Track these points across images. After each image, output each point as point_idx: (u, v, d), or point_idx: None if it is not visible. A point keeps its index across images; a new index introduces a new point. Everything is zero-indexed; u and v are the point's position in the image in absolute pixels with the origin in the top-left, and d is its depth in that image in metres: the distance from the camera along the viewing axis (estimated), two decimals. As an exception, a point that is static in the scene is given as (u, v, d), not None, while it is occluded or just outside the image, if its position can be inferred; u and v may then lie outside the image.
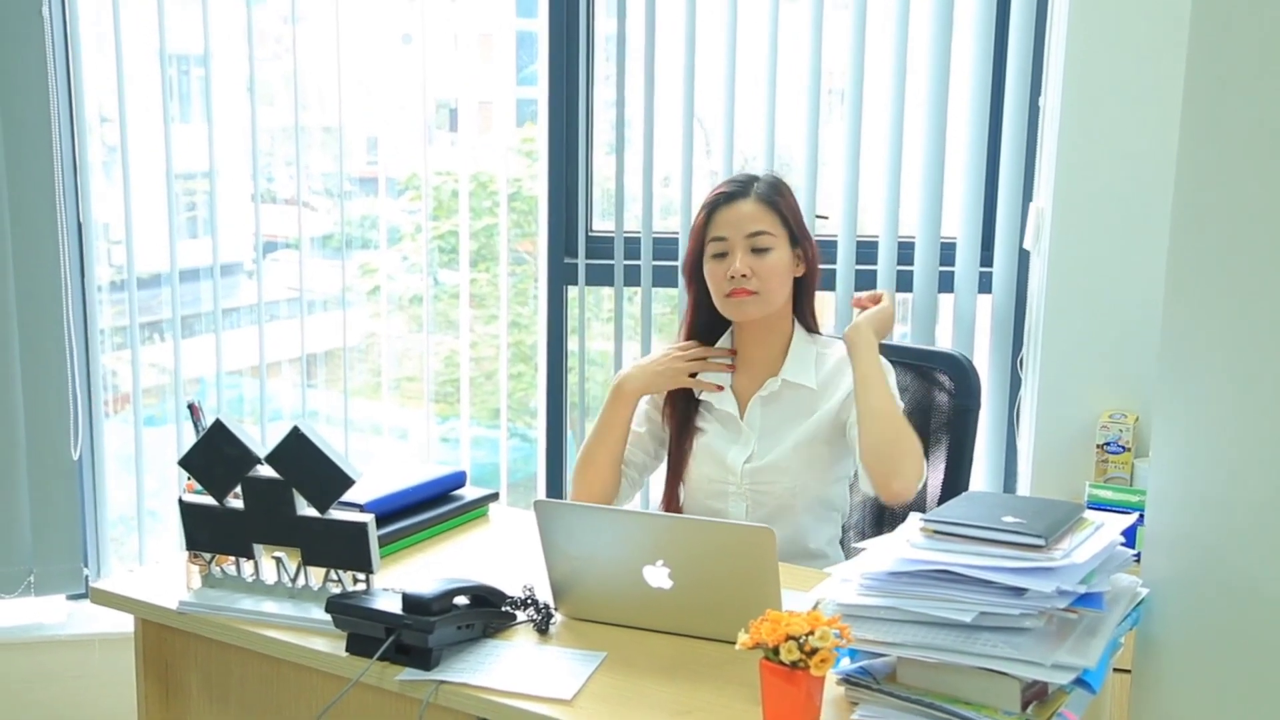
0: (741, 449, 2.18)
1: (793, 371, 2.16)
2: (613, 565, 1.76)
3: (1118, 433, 2.66)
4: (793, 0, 3.06)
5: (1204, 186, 1.49)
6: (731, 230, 2.12)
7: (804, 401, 2.17)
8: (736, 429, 2.19)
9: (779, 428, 2.17)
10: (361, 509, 1.98)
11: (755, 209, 2.12)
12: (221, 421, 1.82)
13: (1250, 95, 1.40)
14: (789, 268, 2.15)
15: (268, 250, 3.39)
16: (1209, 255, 1.49)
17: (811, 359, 2.18)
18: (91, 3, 3.20)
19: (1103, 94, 2.64)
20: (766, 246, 2.12)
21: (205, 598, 1.86)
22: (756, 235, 2.11)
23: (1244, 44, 1.42)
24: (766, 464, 2.16)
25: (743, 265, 2.11)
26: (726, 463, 2.18)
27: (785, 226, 2.14)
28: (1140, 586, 1.63)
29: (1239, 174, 1.43)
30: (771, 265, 2.12)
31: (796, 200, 2.22)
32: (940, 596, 1.49)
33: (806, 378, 2.16)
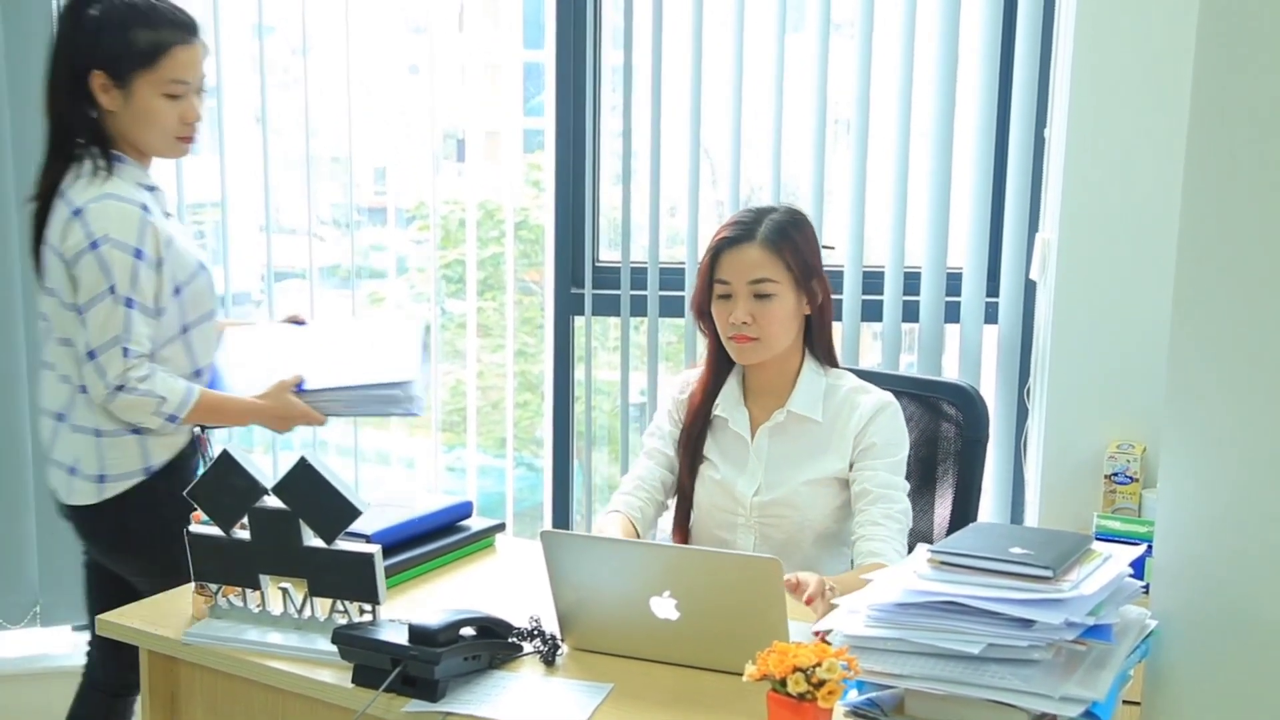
0: (750, 480, 2.18)
1: (800, 404, 2.16)
2: (619, 596, 1.75)
3: (1125, 463, 2.65)
4: (798, 31, 3.08)
5: (1209, 218, 1.50)
6: (734, 275, 2.11)
7: (812, 435, 2.16)
8: (744, 457, 2.19)
9: (786, 460, 2.17)
10: (368, 540, 1.98)
11: (759, 254, 2.10)
12: (229, 452, 1.82)
13: (1255, 128, 1.41)
14: (793, 313, 2.13)
15: (276, 280, 3.40)
16: (1215, 286, 1.49)
17: (820, 392, 2.17)
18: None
19: (1108, 125, 2.65)
20: (768, 294, 2.10)
21: (211, 629, 1.86)
22: (759, 282, 2.10)
23: (1249, 76, 1.42)
24: (775, 498, 2.15)
25: (744, 313, 2.10)
26: (735, 494, 2.18)
27: (791, 270, 2.11)
28: (1149, 618, 1.62)
29: (1244, 205, 1.43)
30: (773, 312, 2.10)
31: (813, 233, 2.18)
32: (948, 628, 1.48)
33: (814, 410, 2.16)
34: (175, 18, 2.20)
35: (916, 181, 3.02)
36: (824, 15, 2.98)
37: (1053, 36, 2.84)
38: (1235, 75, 1.45)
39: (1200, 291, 1.52)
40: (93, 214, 2.14)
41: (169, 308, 2.23)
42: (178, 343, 2.27)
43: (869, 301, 3.05)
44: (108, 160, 2.20)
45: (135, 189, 2.21)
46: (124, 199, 2.17)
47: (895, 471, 2.11)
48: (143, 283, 2.17)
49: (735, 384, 2.23)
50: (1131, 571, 1.58)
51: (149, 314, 2.19)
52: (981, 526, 1.72)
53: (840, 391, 2.17)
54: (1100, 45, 2.63)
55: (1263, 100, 1.39)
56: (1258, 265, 1.40)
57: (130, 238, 2.15)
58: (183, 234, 2.32)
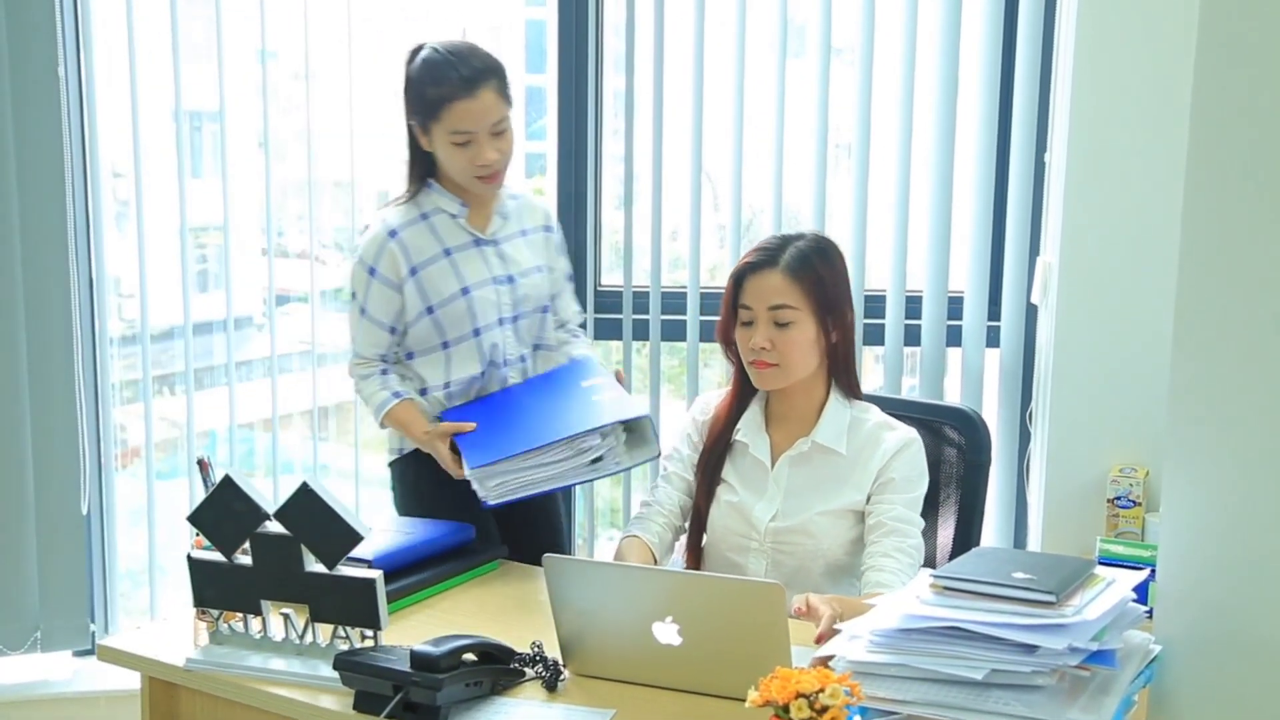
0: (767, 506, 2.18)
1: (825, 435, 2.16)
2: (622, 621, 1.75)
3: (1128, 487, 2.65)
4: (799, 56, 3.09)
5: (1210, 242, 1.50)
6: (756, 301, 2.13)
7: (834, 467, 2.16)
8: (764, 483, 2.19)
9: (806, 489, 2.17)
10: (370, 564, 1.98)
11: (781, 281, 2.11)
12: (230, 477, 1.82)
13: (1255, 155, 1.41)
14: (813, 340, 2.13)
15: (278, 304, 3.41)
16: (1216, 309, 1.49)
17: (845, 424, 2.17)
18: (107, 62, 3.25)
19: (1108, 149, 2.66)
20: (788, 321, 2.11)
21: (212, 655, 1.86)
22: (779, 309, 2.11)
23: (1247, 104, 1.43)
24: (791, 525, 2.15)
25: (763, 338, 2.12)
26: (751, 518, 2.18)
27: (812, 298, 2.11)
28: (1153, 643, 1.61)
29: (1244, 229, 1.44)
30: (792, 339, 2.11)
31: (841, 263, 2.19)
32: (951, 653, 1.48)
33: (838, 443, 2.16)
34: (460, 72, 2.32)
35: (917, 205, 3.02)
36: (824, 40, 2.99)
37: (1052, 61, 2.85)
38: (1234, 102, 1.45)
39: (1201, 315, 1.52)
40: (365, 233, 2.47)
41: (421, 324, 2.42)
42: (437, 355, 2.45)
43: (870, 325, 3.06)
44: (416, 186, 2.46)
45: (412, 214, 2.44)
46: (384, 223, 2.43)
47: (911, 507, 2.11)
48: (375, 296, 2.42)
49: (758, 410, 2.24)
50: (1135, 596, 1.58)
51: (381, 326, 2.43)
52: (984, 551, 1.72)
53: (866, 425, 2.17)
54: (1099, 70, 2.64)
55: (1262, 128, 1.39)
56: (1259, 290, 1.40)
57: (369, 258, 2.42)
58: (471, 260, 2.43)
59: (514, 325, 2.48)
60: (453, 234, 2.45)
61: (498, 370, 2.48)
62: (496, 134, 2.36)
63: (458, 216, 2.45)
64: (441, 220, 2.45)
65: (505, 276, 2.46)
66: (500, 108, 2.35)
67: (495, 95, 2.34)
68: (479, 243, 2.46)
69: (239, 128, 3.31)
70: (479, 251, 2.46)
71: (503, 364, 2.48)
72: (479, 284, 2.43)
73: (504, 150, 2.38)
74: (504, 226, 2.50)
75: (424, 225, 2.44)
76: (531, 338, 2.53)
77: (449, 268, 2.43)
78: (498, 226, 2.49)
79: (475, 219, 2.47)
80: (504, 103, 2.36)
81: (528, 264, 2.49)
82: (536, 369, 2.53)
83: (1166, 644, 1.60)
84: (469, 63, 2.34)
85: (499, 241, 2.48)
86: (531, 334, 2.52)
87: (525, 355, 2.51)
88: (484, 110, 2.33)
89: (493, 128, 2.35)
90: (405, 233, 2.43)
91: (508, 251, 2.49)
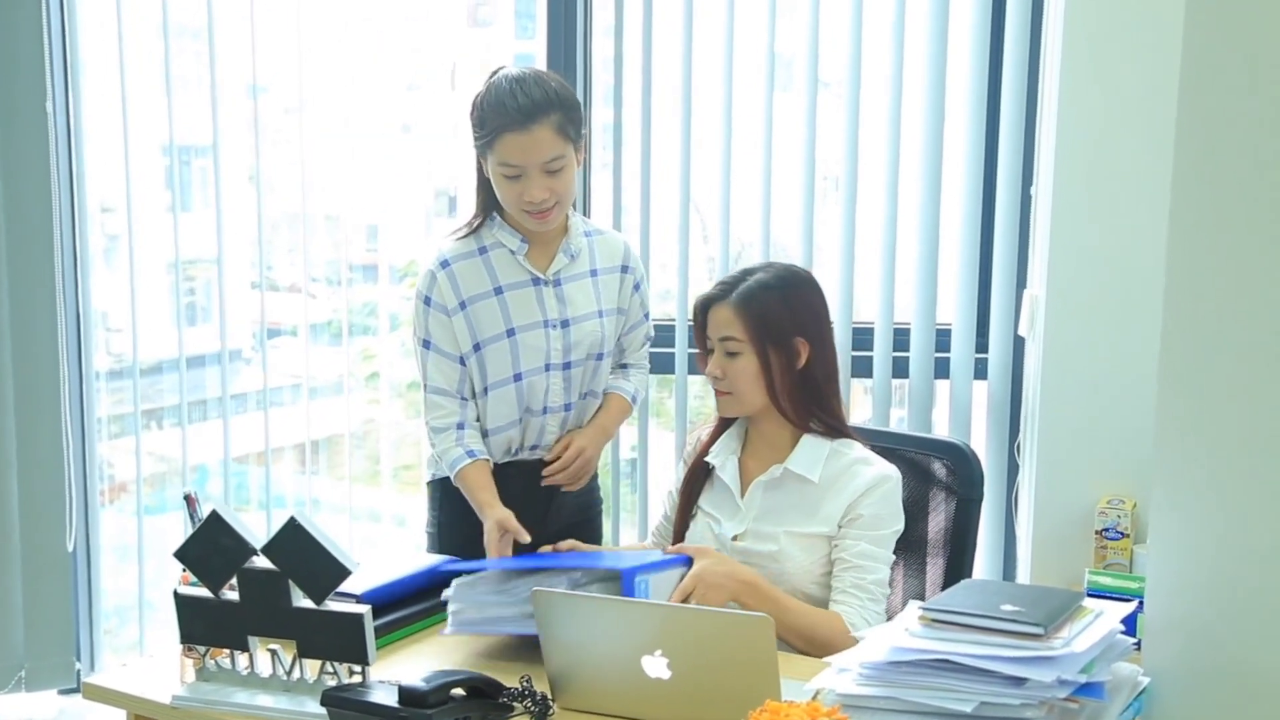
0: (735, 526, 2.19)
1: (798, 463, 2.16)
2: (610, 655, 1.74)
3: (1116, 518, 2.65)
4: (787, 90, 3.11)
5: (1195, 275, 1.51)
6: (711, 332, 2.19)
7: (806, 494, 2.16)
8: (734, 507, 2.20)
9: (776, 512, 2.17)
10: (358, 600, 1.97)
11: (728, 313, 2.15)
12: (218, 512, 1.82)
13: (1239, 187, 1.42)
14: (758, 372, 2.14)
15: (269, 337, 3.41)
16: (1201, 340, 1.50)
17: (823, 455, 2.17)
18: (97, 96, 3.26)
19: (1093, 182, 2.67)
20: (735, 351, 2.15)
21: (199, 691, 1.84)
22: (725, 340, 2.16)
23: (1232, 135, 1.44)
24: (757, 545, 2.16)
25: (714, 367, 2.18)
26: (720, 536, 2.20)
27: (754, 330, 2.13)
28: (1141, 675, 1.61)
29: (1229, 261, 1.45)
30: (738, 369, 2.15)
31: (802, 293, 2.17)
32: (940, 686, 1.48)
33: (812, 472, 2.16)
34: (514, 104, 2.24)
35: (905, 238, 3.04)
36: (812, 74, 3.02)
37: (1038, 95, 2.87)
38: (1218, 137, 1.47)
39: (1186, 346, 1.53)
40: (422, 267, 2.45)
41: (471, 361, 2.39)
42: (481, 399, 2.40)
43: (859, 357, 3.06)
44: (481, 217, 2.40)
45: (470, 247, 2.39)
46: (439, 254, 2.40)
47: (878, 544, 2.10)
48: (435, 326, 2.38)
49: (735, 435, 2.25)
50: (1123, 628, 1.58)
51: (449, 357, 2.39)
52: (972, 583, 1.72)
53: (844, 458, 2.17)
54: (1084, 104, 2.66)
55: (1246, 162, 1.41)
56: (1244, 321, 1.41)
57: (424, 289, 2.40)
58: (525, 300, 2.38)
59: (564, 372, 2.41)
60: (509, 271, 2.38)
61: (535, 418, 2.42)
62: (550, 172, 2.27)
63: (516, 253, 2.38)
64: (500, 255, 2.38)
65: (560, 321, 2.39)
66: (556, 145, 2.25)
67: (552, 132, 2.24)
68: (537, 282, 2.39)
69: (230, 162, 3.33)
70: (536, 291, 2.39)
71: (543, 411, 2.41)
72: (527, 327, 2.37)
73: (556, 190, 2.28)
74: (570, 266, 2.41)
75: (479, 260, 2.38)
76: (584, 386, 2.45)
77: (497, 306, 2.37)
78: (561, 265, 2.40)
79: (536, 256, 2.39)
80: (562, 140, 2.26)
81: (588, 308, 2.42)
82: (580, 418, 2.47)
83: (1155, 675, 1.60)
84: (530, 94, 2.24)
85: (561, 282, 2.40)
86: (584, 382, 2.45)
87: (571, 404, 2.44)
88: (535, 145, 2.24)
89: (545, 165, 2.26)
90: (457, 265, 2.38)
91: (568, 293, 2.41)
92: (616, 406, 2.52)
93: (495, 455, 2.42)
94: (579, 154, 2.33)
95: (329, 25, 3.29)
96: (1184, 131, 1.52)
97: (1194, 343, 1.51)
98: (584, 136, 2.34)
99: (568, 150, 2.28)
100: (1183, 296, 1.53)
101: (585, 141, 2.36)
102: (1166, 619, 1.59)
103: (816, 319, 2.19)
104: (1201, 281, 1.50)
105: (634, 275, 2.51)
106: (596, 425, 2.48)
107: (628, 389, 2.55)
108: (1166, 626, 1.59)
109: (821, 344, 2.18)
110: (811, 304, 2.19)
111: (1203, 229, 1.49)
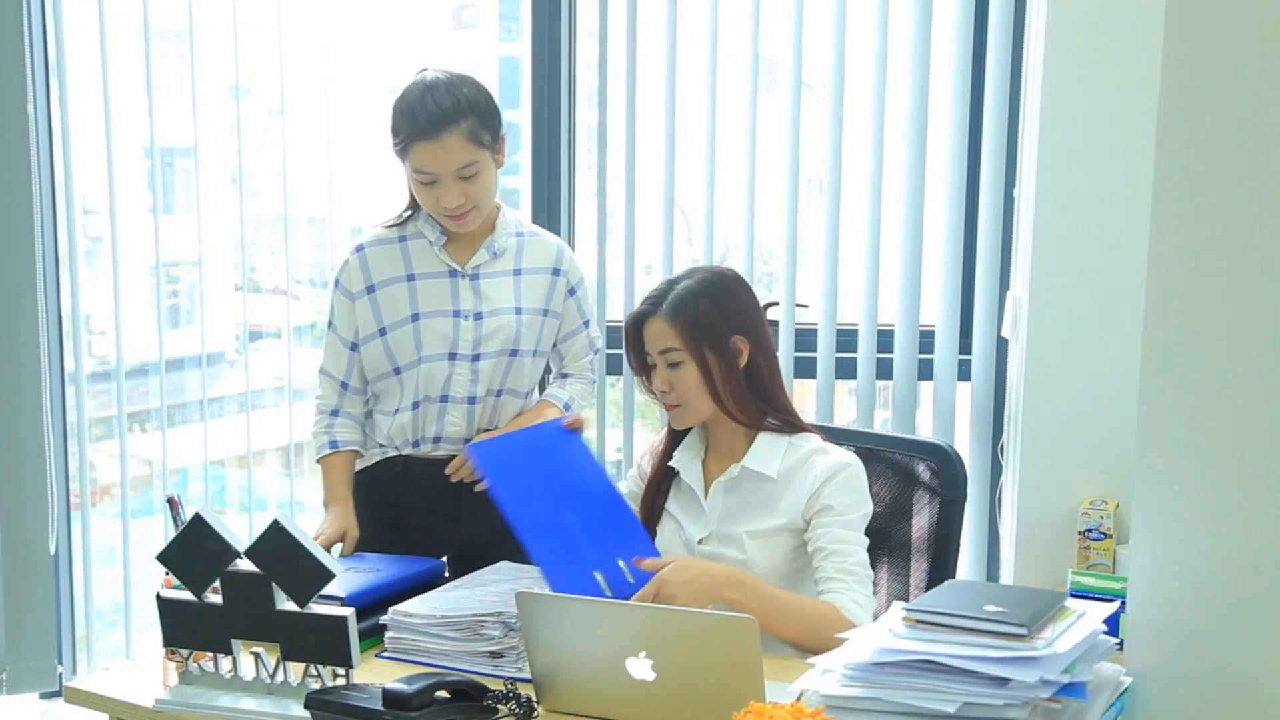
0: (700, 529, 2.20)
1: (755, 460, 2.17)
2: (595, 657, 1.75)
3: (1099, 519, 2.66)
4: (771, 92, 3.12)
5: (1177, 275, 1.52)
6: (650, 348, 2.17)
7: (765, 491, 2.17)
8: (698, 510, 2.21)
9: (738, 514, 2.18)
10: (342, 602, 1.96)
11: (662, 326, 2.14)
12: (201, 515, 1.81)
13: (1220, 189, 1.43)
14: (702, 378, 2.14)
15: (251, 339, 3.40)
16: (1183, 341, 1.51)
17: (781, 449, 2.18)
18: (80, 99, 3.25)
19: (1076, 184, 2.68)
20: (677, 361, 2.14)
21: (182, 695, 1.84)
22: (666, 352, 2.15)
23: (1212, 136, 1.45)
24: (721, 548, 2.17)
25: (660, 382, 2.16)
26: (687, 540, 2.21)
27: (692, 336, 2.12)
28: (1124, 675, 1.62)
29: (1211, 263, 1.46)
30: (684, 378, 2.14)
31: (732, 293, 2.16)
32: (924, 687, 1.48)
33: (769, 467, 2.16)
34: (424, 113, 2.27)
35: (889, 240, 3.05)
36: (796, 76, 3.02)
37: (1020, 97, 2.88)
38: (1198, 139, 1.47)
39: (1169, 346, 1.54)
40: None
41: (373, 345, 2.43)
42: (391, 381, 2.44)
43: (843, 359, 3.07)
44: (409, 211, 2.46)
45: (390, 235, 2.45)
46: (360, 243, 2.47)
47: (849, 528, 2.10)
48: (338, 309, 2.46)
49: (697, 438, 2.25)
50: (1105, 628, 1.59)
51: (344, 342, 2.46)
52: (956, 584, 1.72)
53: (801, 451, 2.17)
54: (1067, 106, 2.67)
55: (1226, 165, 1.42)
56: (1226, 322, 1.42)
57: (337, 270, 2.48)
58: (436, 289, 2.42)
59: (472, 364, 2.41)
60: (425, 261, 2.42)
61: (433, 405, 2.43)
62: (464, 178, 2.30)
63: (434, 244, 2.43)
64: (419, 245, 2.43)
65: (474, 312, 2.41)
66: (468, 152, 2.29)
67: (464, 139, 2.27)
68: (454, 274, 2.43)
69: (213, 164, 3.32)
70: (452, 282, 2.42)
71: (441, 399, 2.42)
72: (434, 314, 2.40)
73: (471, 195, 2.32)
74: (491, 262, 2.44)
75: (397, 246, 2.43)
76: (497, 383, 2.45)
77: (406, 292, 2.41)
78: (482, 261, 2.43)
79: (456, 250, 2.43)
80: (475, 146, 2.29)
81: (504, 304, 2.43)
82: (494, 417, 2.46)
83: (1137, 676, 1.61)
84: (440, 102, 2.27)
85: (479, 276, 2.43)
86: (497, 378, 2.44)
87: (477, 397, 2.43)
88: (446, 154, 2.27)
89: (458, 172, 2.29)
90: (371, 249, 2.43)
91: (484, 287, 2.43)
92: (540, 412, 2.51)
93: (396, 441, 2.46)
94: (498, 156, 2.36)
95: (312, 27, 3.28)
96: (1165, 134, 1.53)
97: (1176, 344, 1.52)
98: (502, 139, 2.36)
99: (481, 156, 2.31)
100: (1164, 298, 1.54)
101: (504, 143, 2.37)
102: (1149, 619, 1.60)
103: (750, 316, 2.18)
104: (1183, 283, 1.51)
105: (567, 279, 2.52)
106: (513, 427, 2.48)
107: (561, 397, 2.55)
108: (1149, 627, 1.60)
109: (759, 340, 2.17)
110: (743, 301, 2.18)
111: (1184, 231, 1.50)
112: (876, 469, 2.33)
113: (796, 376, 3.09)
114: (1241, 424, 1.40)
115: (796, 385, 3.11)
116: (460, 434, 2.45)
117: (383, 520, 2.45)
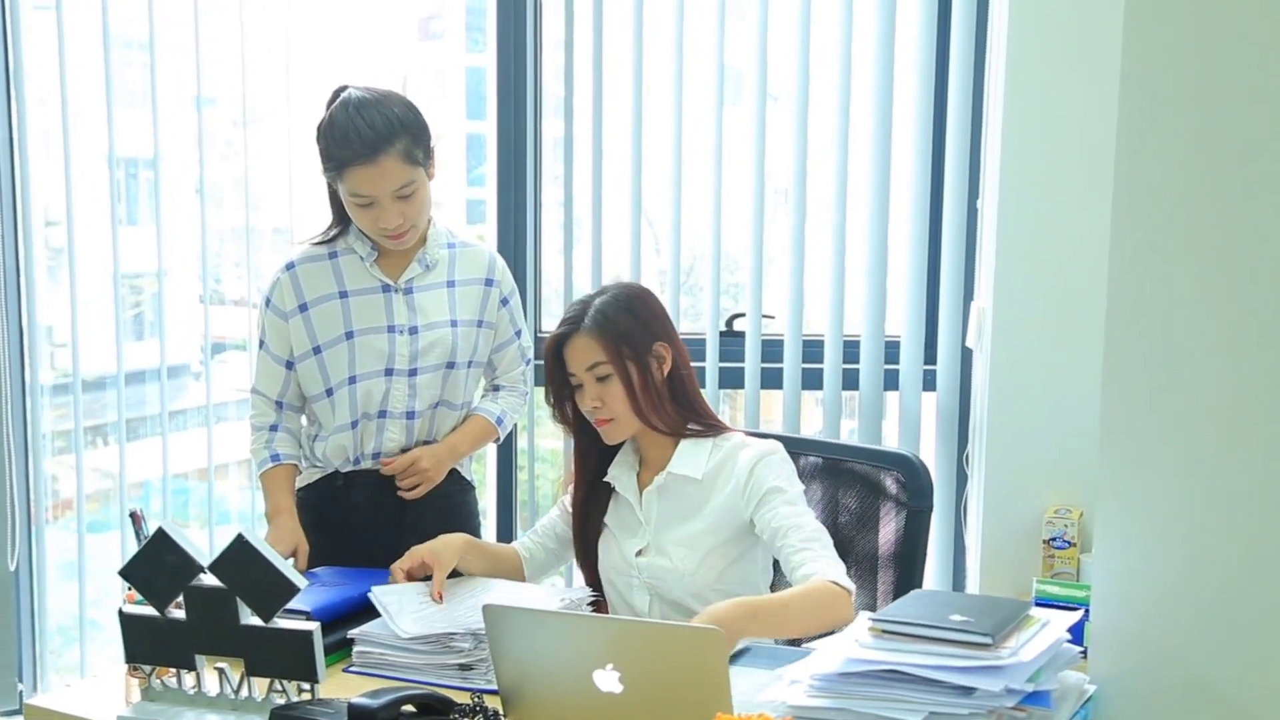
0: (638, 541, 2.22)
1: (679, 464, 2.20)
2: (562, 670, 1.74)
3: (1063, 528, 2.68)
4: (736, 104, 3.13)
5: (1138, 285, 1.53)
6: (575, 366, 2.18)
7: (693, 494, 2.20)
8: (635, 521, 2.23)
9: (670, 521, 2.21)
10: (307, 616, 1.95)
11: (587, 342, 2.15)
12: (164, 529, 1.79)
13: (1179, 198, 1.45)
14: (632, 387, 2.16)
15: (215, 352, 3.37)
16: (1145, 350, 1.52)
17: (705, 451, 2.21)
18: (39, 108, 3.22)
19: (1038, 195, 2.71)
20: (604, 375, 2.16)
21: (145, 712, 1.82)
22: (593, 368, 2.16)
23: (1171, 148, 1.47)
24: (656, 557, 2.19)
25: (592, 398, 2.17)
26: (626, 555, 2.22)
27: (615, 348, 2.15)
28: (1088, 683, 1.63)
29: (1172, 272, 1.47)
30: (614, 392, 2.16)
31: (646, 304, 2.20)
32: (890, 697, 1.49)
33: (695, 470, 2.19)
34: (358, 137, 2.24)
35: (854, 251, 3.06)
36: (761, 87, 3.03)
37: (983, 109, 2.90)
38: (1158, 148, 1.49)
39: (1130, 356, 1.55)
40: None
41: (308, 364, 2.41)
42: (325, 402, 2.42)
43: (809, 370, 3.08)
44: (339, 227, 2.42)
45: (320, 252, 2.42)
46: (290, 260, 2.44)
47: (794, 503, 2.13)
48: (270, 328, 2.43)
49: (631, 452, 2.28)
50: (1070, 637, 1.60)
51: (277, 360, 2.44)
52: (921, 594, 1.73)
53: (723, 449, 2.21)
54: (1029, 118, 2.70)
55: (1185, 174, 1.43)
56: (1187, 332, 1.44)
57: (267, 289, 2.44)
58: (370, 305, 2.40)
59: (409, 379, 2.41)
60: (357, 277, 2.41)
61: (371, 422, 2.42)
62: (402, 198, 2.29)
63: (365, 259, 2.41)
64: (350, 261, 2.41)
65: (409, 327, 2.40)
66: (404, 172, 2.27)
67: (399, 160, 2.26)
68: (387, 289, 2.41)
69: (175, 174, 3.29)
70: (385, 298, 2.41)
71: (379, 415, 2.41)
72: (367, 330, 2.39)
73: (409, 214, 2.31)
74: (423, 275, 2.43)
75: (328, 264, 2.41)
76: (435, 395, 2.44)
77: (340, 309, 2.39)
78: (415, 274, 2.42)
79: (388, 265, 2.42)
80: (410, 166, 2.28)
81: (439, 316, 2.42)
82: (433, 429, 2.46)
83: (1101, 684, 1.62)
84: (373, 124, 2.25)
85: (413, 290, 2.42)
86: (433, 390, 2.43)
87: (415, 411, 2.42)
88: (383, 176, 2.26)
89: (397, 193, 2.28)
90: (302, 267, 2.41)
91: (419, 301, 2.42)
92: (474, 427, 2.51)
93: (335, 462, 2.45)
94: (430, 170, 2.35)
95: (276, 37, 3.27)
96: (1124, 144, 1.54)
97: (1137, 353, 1.53)
98: (433, 152, 2.35)
99: (417, 174, 2.30)
100: (1125, 307, 1.56)
101: (434, 156, 2.36)
102: (1112, 627, 1.61)
103: (665, 324, 2.22)
104: (1143, 292, 1.52)
105: (500, 289, 2.52)
106: (447, 442, 2.48)
107: (493, 411, 2.54)
108: (1112, 635, 1.61)
109: (678, 347, 2.22)
110: (657, 311, 2.23)
111: (1143, 240, 1.52)
112: (843, 480, 2.34)
113: (763, 387, 3.10)
114: (1202, 433, 1.41)
115: (763, 396, 3.12)
116: (399, 447, 2.45)
117: (328, 535, 2.43)
